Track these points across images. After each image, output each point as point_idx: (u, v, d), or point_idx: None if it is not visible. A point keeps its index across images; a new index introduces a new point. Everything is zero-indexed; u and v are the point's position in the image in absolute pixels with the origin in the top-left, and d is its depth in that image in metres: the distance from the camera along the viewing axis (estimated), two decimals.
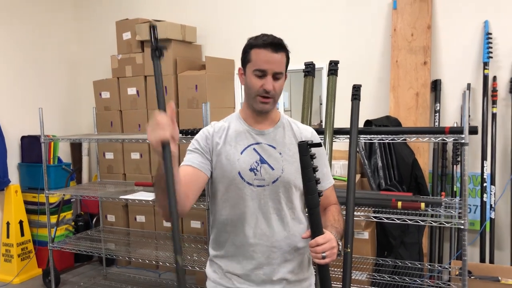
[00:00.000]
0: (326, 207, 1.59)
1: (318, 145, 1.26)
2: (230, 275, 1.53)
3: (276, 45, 1.44)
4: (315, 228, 1.31)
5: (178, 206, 1.25)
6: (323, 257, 1.30)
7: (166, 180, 1.22)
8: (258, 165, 1.49)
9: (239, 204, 1.49)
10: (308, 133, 1.58)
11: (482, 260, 3.20)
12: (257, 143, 1.52)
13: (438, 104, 3.39)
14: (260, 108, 1.48)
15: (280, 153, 1.51)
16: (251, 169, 1.48)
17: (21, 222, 4.03)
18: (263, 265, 1.50)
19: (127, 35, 4.08)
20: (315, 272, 1.68)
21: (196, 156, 1.49)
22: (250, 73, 1.47)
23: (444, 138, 2.42)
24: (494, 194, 3.21)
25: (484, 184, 3.21)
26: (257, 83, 1.45)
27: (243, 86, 1.55)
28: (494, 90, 3.23)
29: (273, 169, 1.49)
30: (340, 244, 1.39)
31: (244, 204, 1.49)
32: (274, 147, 1.52)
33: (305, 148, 1.25)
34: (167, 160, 1.22)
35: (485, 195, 3.20)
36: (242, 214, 1.49)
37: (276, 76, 1.45)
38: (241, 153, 1.50)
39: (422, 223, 2.42)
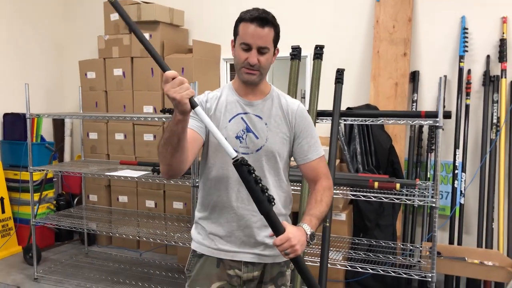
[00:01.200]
0: (316, 180, 1.63)
1: (249, 165, 1.32)
2: (213, 236, 1.63)
3: (262, 19, 1.50)
4: (274, 230, 1.40)
5: (180, 164, 1.40)
6: (287, 254, 1.39)
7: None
8: (244, 133, 1.58)
9: (223, 169, 1.58)
10: (295, 106, 1.65)
11: (451, 242, 3.38)
12: (245, 113, 1.60)
13: (416, 94, 3.55)
14: (246, 78, 1.56)
15: (266, 124, 1.60)
16: (237, 137, 1.58)
17: (1, 199, 4.03)
18: (244, 228, 1.60)
19: (114, 16, 4.10)
20: None
21: (192, 121, 1.56)
22: (238, 46, 1.54)
23: (421, 122, 2.57)
24: (465, 181, 3.39)
25: (456, 171, 3.38)
26: (242, 55, 1.53)
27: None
28: (468, 83, 3.41)
29: (257, 138, 1.58)
30: (309, 233, 1.45)
31: (228, 169, 1.57)
32: (260, 118, 1.60)
33: (239, 166, 1.32)
34: (202, 114, 1.30)
35: (456, 182, 3.38)
36: (226, 179, 1.58)
37: (261, 51, 1.52)
38: (229, 121, 1.59)
39: (397, 201, 2.56)
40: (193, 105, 1.29)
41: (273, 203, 1.37)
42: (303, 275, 1.46)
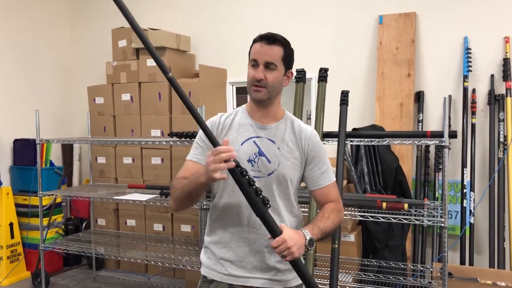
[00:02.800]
0: (326, 204, 1.64)
1: (241, 167, 1.37)
2: (223, 261, 1.61)
3: (269, 37, 1.54)
4: (271, 232, 1.42)
5: (191, 205, 1.56)
6: (284, 256, 1.40)
7: None
8: (256, 157, 1.58)
9: (235, 193, 1.57)
10: (308, 132, 1.65)
11: (462, 263, 3.34)
12: (258, 137, 1.61)
13: (421, 114, 3.57)
14: (254, 96, 1.58)
15: (279, 148, 1.60)
16: (249, 160, 1.58)
17: (11, 225, 4.05)
18: (255, 253, 1.58)
19: (122, 43, 4.20)
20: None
21: (199, 152, 1.61)
22: (249, 65, 1.58)
23: (427, 142, 2.58)
24: (473, 200, 3.37)
25: (464, 191, 3.37)
26: (251, 73, 1.56)
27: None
28: (473, 102, 3.42)
29: (270, 162, 1.58)
30: (308, 237, 1.44)
31: (239, 193, 1.54)
32: (273, 142, 1.61)
33: (231, 170, 1.37)
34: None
35: (465, 201, 3.36)
36: (237, 203, 1.58)
37: (268, 66, 1.54)
38: (242, 144, 1.60)
39: (406, 222, 2.55)
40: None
41: (268, 205, 1.39)
42: (303, 278, 1.47)
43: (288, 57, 1.59)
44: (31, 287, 3.88)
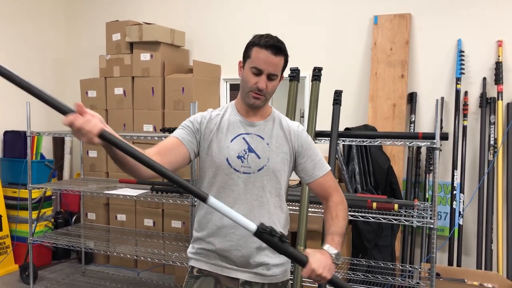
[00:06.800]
0: (326, 196, 1.65)
1: (266, 231, 1.32)
2: (210, 253, 1.63)
3: (276, 48, 1.54)
4: (297, 262, 1.40)
5: (135, 173, 1.44)
6: (318, 281, 1.41)
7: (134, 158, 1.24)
8: (245, 153, 1.60)
9: (224, 189, 1.60)
10: (295, 126, 1.69)
11: (450, 264, 3.37)
12: (247, 133, 1.63)
13: (414, 115, 3.59)
14: (252, 102, 1.59)
15: (268, 144, 1.62)
16: (239, 157, 1.59)
17: (0, 217, 4.01)
18: (242, 248, 1.59)
19: (116, 36, 4.17)
20: None
21: (185, 132, 1.60)
22: (247, 69, 1.57)
23: (418, 143, 2.59)
24: (463, 201, 3.40)
25: (454, 192, 3.40)
26: (252, 79, 1.56)
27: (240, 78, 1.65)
28: (465, 104, 3.45)
29: (259, 157, 1.60)
30: (333, 253, 1.45)
31: (229, 189, 1.59)
32: (262, 138, 1.63)
33: (259, 235, 1.33)
34: (118, 142, 1.22)
35: (454, 203, 3.39)
36: (227, 198, 1.59)
37: (270, 77, 1.56)
38: (231, 141, 1.61)
39: (395, 222, 2.56)
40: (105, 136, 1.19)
41: (286, 241, 1.36)
42: None
43: (285, 65, 1.62)
44: (18, 281, 3.85)
